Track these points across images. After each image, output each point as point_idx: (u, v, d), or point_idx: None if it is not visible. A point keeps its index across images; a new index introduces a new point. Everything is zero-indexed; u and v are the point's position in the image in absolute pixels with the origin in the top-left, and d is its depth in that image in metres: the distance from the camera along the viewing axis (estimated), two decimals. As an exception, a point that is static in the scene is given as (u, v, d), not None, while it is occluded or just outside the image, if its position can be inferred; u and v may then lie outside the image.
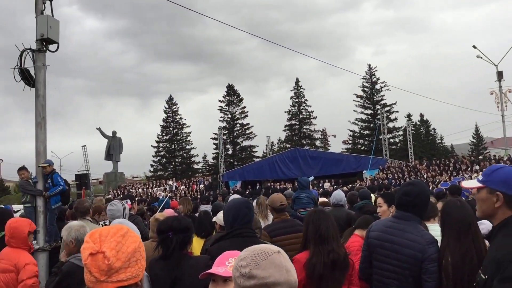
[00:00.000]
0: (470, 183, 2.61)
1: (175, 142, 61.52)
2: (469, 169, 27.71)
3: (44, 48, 7.52)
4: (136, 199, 11.42)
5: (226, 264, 2.00)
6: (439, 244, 3.27)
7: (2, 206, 13.13)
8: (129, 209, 6.12)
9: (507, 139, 36.84)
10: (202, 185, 38.58)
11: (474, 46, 33.87)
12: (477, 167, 27.33)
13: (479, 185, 2.39)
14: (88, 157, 42.95)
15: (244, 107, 60.72)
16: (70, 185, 10.27)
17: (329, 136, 62.62)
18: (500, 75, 34.96)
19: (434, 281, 3.14)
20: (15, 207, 16.87)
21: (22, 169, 8.38)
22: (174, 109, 61.84)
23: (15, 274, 3.99)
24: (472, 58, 34.82)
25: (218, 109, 60.73)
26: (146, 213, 9.26)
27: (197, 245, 4.93)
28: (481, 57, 34.16)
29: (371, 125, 56.58)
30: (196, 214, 6.74)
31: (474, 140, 65.46)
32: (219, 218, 4.88)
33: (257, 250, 1.62)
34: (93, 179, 48.29)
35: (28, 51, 7.48)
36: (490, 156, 33.02)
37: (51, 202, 7.68)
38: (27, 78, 7.53)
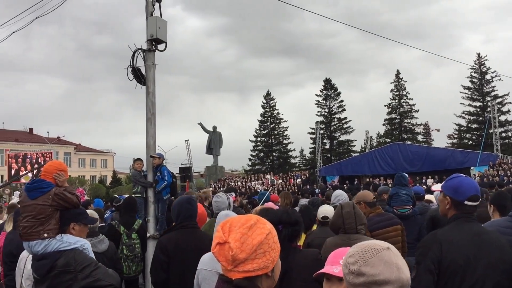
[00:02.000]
0: (437, 187, 3.02)
1: (273, 137, 62.31)
2: None
3: (154, 48, 7.95)
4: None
5: (341, 263, 1.97)
6: None
7: (116, 196, 14.18)
8: (233, 201, 6.32)
9: None
10: (299, 180, 38.66)
11: None
12: None
13: (439, 189, 3.12)
14: (191, 151, 45.10)
15: (342, 101, 59.81)
16: (176, 177, 10.80)
17: (432, 130, 59.64)
18: None
19: None
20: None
21: (138, 160, 8.93)
22: (272, 104, 62.63)
23: None
24: None
25: (315, 104, 60.48)
26: (246, 206, 9.46)
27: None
28: None
29: (480, 118, 52.79)
30: (296, 208, 6.75)
31: None
32: (319, 212, 4.86)
33: (365, 247, 1.58)
34: (195, 172, 50.56)
35: (140, 51, 7.95)
36: None
37: (163, 193, 8.16)
38: (139, 76, 8.01)
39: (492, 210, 4.24)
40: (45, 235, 2.96)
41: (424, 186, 18.17)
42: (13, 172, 44.68)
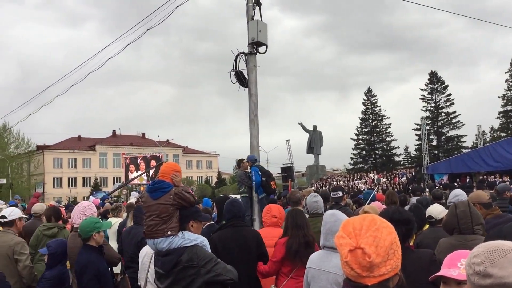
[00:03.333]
0: None
1: (375, 134, 60.57)
2: None
3: (255, 51, 8.15)
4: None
5: (459, 266, 1.86)
6: None
7: (222, 195, 14.71)
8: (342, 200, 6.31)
9: None
10: (404, 178, 37.14)
11: None
12: None
13: None
14: (292, 150, 45.39)
15: (449, 95, 56.32)
16: (271, 176, 10.85)
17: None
18: None
19: None
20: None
21: (242, 161, 9.26)
22: (373, 101, 60.91)
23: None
24: None
25: (420, 98, 57.64)
26: (351, 205, 9.30)
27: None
28: None
29: None
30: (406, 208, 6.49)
31: None
32: (431, 211, 4.64)
33: (492, 247, 1.47)
34: (296, 172, 50.77)
35: (242, 54, 8.20)
36: None
37: (258, 193, 8.36)
38: (241, 79, 8.27)
39: None
40: (169, 232, 3.14)
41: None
42: (129, 174, 48.34)
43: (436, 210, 4.62)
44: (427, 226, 5.07)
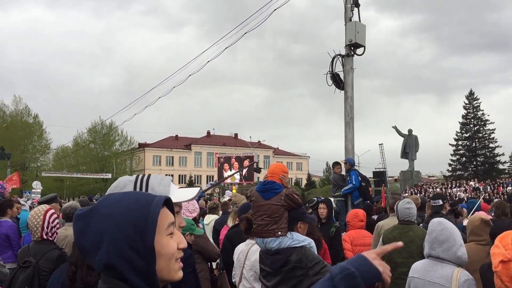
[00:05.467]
0: None
1: (476, 140, 56.75)
2: None
3: (352, 53, 8.02)
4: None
5: None
6: None
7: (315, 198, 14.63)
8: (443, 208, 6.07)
9: None
10: (510, 188, 34.36)
11: None
12: None
13: None
14: (385, 155, 43.94)
15: None
16: (369, 182, 10.59)
17: None
18: None
19: None
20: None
21: (337, 164, 9.12)
22: (475, 105, 57.10)
23: None
24: None
25: (530, 102, 52.98)
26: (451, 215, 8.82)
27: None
28: None
29: None
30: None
31: None
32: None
33: None
34: (389, 177, 49.08)
35: (338, 56, 8.11)
36: None
37: (353, 198, 8.16)
38: (337, 81, 8.17)
39: None
40: (279, 233, 3.20)
41: None
42: (223, 172, 49.94)
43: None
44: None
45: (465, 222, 5.62)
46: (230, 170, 49.55)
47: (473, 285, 2.78)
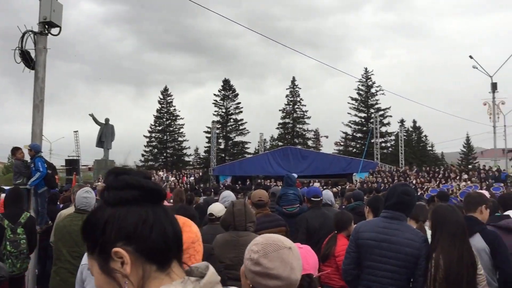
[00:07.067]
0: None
1: (168, 133, 61.41)
2: (457, 177, 27.98)
3: (46, 32, 7.50)
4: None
5: None
6: None
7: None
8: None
9: (497, 150, 37.15)
10: (192, 178, 38.57)
11: (470, 56, 33.97)
12: (465, 176, 27.63)
13: None
14: (80, 143, 42.79)
15: (239, 103, 60.79)
16: (56, 169, 10.14)
17: (321, 137, 62.83)
18: (494, 86, 35.08)
19: (423, 277, 3.30)
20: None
21: (18, 149, 8.32)
22: (169, 100, 61.71)
23: None
24: (469, 68, 34.92)
25: (213, 103, 60.74)
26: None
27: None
28: (476, 68, 34.38)
29: (364, 128, 56.82)
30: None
31: (465, 150, 65.94)
32: (212, 209, 4.95)
33: (270, 240, 1.69)
34: (82, 165, 48.05)
35: (30, 33, 7.45)
36: (479, 166, 33.26)
37: (38, 187, 7.69)
38: (28, 60, 7.50)
39: (367, 211, 4.83)
40: None
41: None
42: None
43: (217, 208, 4.94)
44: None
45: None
46: None
47: None
